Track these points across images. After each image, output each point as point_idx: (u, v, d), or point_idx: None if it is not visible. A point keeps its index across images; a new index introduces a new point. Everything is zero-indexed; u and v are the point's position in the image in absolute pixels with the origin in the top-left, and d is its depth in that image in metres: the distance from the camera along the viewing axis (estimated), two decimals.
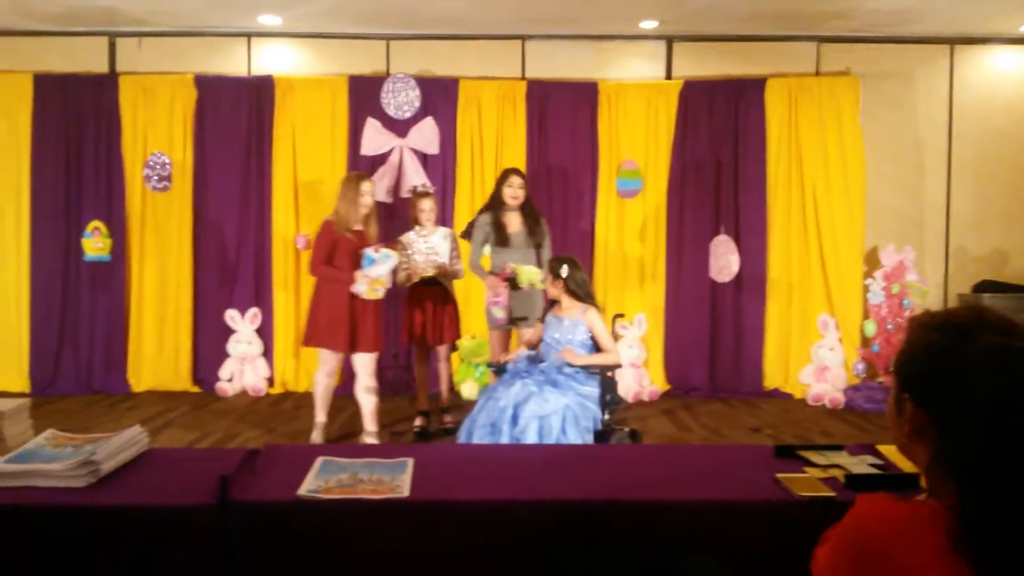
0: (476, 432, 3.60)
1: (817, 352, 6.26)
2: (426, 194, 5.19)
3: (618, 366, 3.99)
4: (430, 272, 4.91)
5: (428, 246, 5.00)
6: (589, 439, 3.55)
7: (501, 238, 4.98)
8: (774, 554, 1.81)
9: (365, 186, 4.80)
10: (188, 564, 1.78)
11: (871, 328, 6.19)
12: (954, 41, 6.50)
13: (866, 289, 6.30)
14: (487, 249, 5.06)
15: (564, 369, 3.84)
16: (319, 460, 2.02)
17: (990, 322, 1.16)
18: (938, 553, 1.06)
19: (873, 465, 2.07)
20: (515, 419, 3.52)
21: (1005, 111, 6.53)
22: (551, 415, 3.50)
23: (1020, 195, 6.55)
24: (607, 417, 3.75)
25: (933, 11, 5.80)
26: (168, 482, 1.94)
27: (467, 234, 5.21)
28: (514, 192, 4.99)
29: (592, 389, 3.75)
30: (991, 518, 1.05)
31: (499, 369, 4.06)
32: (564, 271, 4.04)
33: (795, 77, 6.44)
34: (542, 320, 4.17)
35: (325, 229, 4.76)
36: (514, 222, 5.03)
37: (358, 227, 4.77)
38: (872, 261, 6.42)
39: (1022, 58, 6.54)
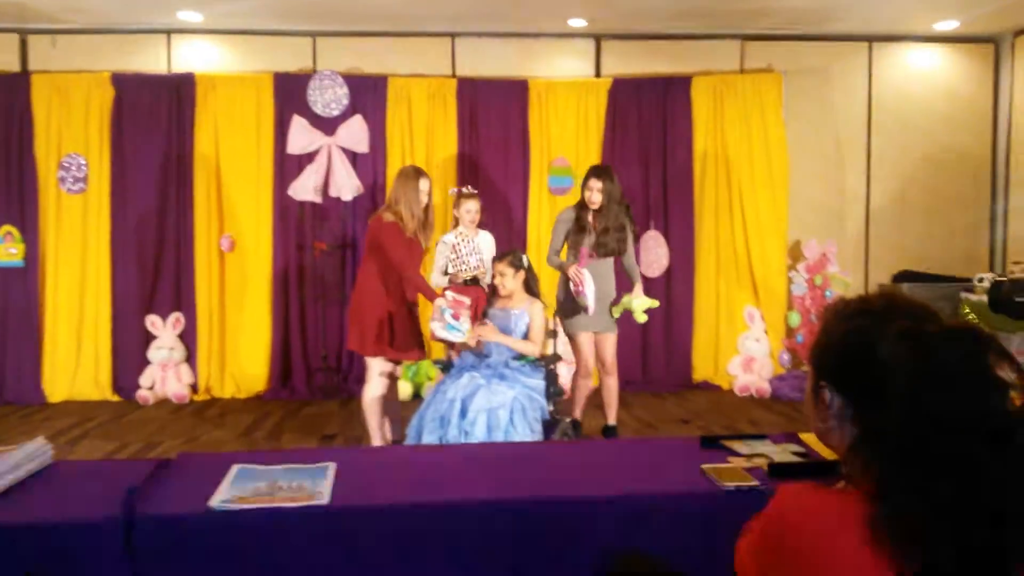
0: (425, 427, 3.59)
1: (744, 343, 6.38)
2: (472, 196, 5.01)
3: (535, 357, 3.96)
4: (479, 272, 4.55)
5: (469, 248, 4.75)
6: (538, 429, 3.57)
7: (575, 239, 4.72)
8: (703, 544, 1.81)
9: (424, 183, 4.33)
10: None
11: (795, 319, 6.35)
12: (872, 39, 6.70)
13: (790, 281, 6.46)
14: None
15: (510, 362, 3.87)
16: (235, 468, 1.94)
17: (902, 307, 1.16)
18: (858, 540, 1.05)
19: (796, 453, 2.09)
20: (463, 412, 3.54)
21: (920, 106, 6.75)
22: (499, 408, 3.53)
23: (936, 188, 6.78)
24: (552, 408, 3.77)
25: (851, 9, 5.95)
26: (72, 497, 1.84)
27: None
28: (592, 195, 4.65)
29: (538, 381, 3.80)
30: (908, 503, 1.05)
31: (445, 365, 4.05)
32: (527, 262, 4.07)
33: (720, 75, 6.54)
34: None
35: (395, 231, 4.21)
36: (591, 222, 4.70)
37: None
38: (796, 254, 6.57)
39: (936, 55, 6.78)
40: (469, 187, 5.29)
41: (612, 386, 4.82)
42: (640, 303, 4.61)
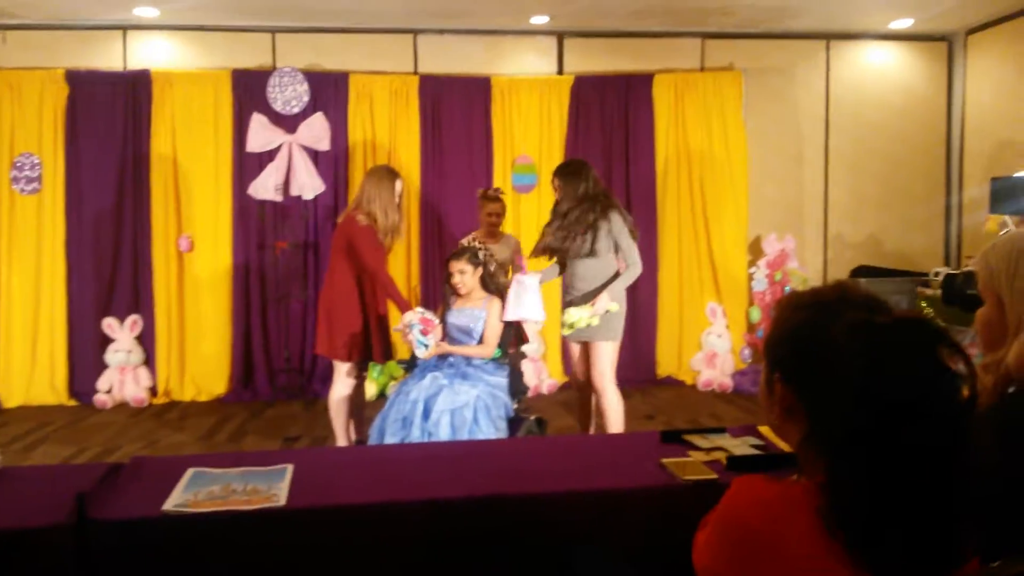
0: (388, 428, 3.56)
1: (706, 339, 6.44)
2: (493, 198, 4.86)
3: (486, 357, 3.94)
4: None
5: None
6: (503, 427, 3.56)
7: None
8: (662, 539, 1.81)
9: (398, 185, 4.26)
10: None
11: (756, 314, 6.44)
12: (830, 37, 6.79)
13: (751, 277, 6.53)
14: None
15: (473, 361, 3.85)
16: (189, 472, 1.90)
17: (853, 300, 1.17)
18: (811, 531, 1.06)
19: (754, 446, 2.11)
20: (427, 413, 3.51)
21: (877, 104, 6.86)
22: (463, 407, 3.51)
23: (892, 184, 6.91)
24: (516, 406, 3.76)
25: (810, 8, 6.03)
26: (22, 502, 1.79)
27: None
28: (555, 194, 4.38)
29: (501, 379, 3.79)
30: (859, 494, 1.06)
31: (409, 364, 4.02)
32: (483, 258, 4.04)
33: (681, 72, 6.59)
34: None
35: (370, 234, 4.13)
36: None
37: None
38: (756, 250, 6.65)
39: (892, 53, 6.90)
40: (494, 189, 5.10)
41: (602, 405, 4.15)
42: (569, 317, 4.03)
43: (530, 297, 3.96)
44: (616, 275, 4.11)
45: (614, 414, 4.10)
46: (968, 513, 1.08)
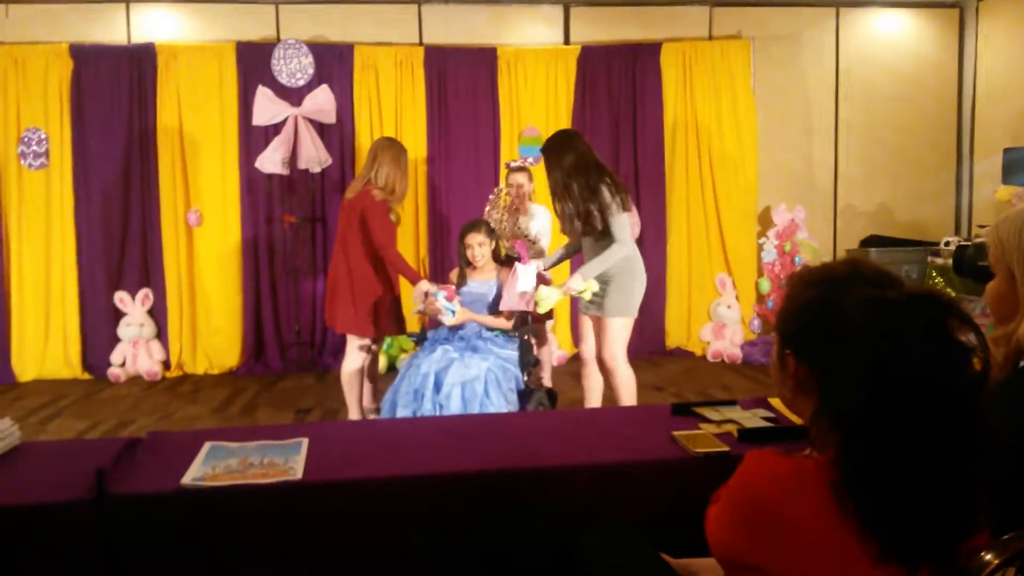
0: (400, 400, 3.60)
1: (716, 310, 6.44)
2: (519, 168, 4.83)
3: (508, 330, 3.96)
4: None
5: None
6: (513, 400, 3.58)
7: None
8: (675, 511, 1.83)
9: (407, 159, 4.33)
10: (64, 565, 1.67)
11: (765, 285, 6.42)
12: (839, 4, 6.70)
13: (760, 248, 6.51)
14: None
15: (484, 333, 3.88)
16: (206, 446, 1.93)
17: (865, 275, 1.18)
18: (823, 505, 1.08)
19: (765, 418, 2.12)
20: (438, 386, 3.53)
21: (887, 73, 6.78)
22: (474, 380, 3.52)
23: (903, 154, 6.85)
24: (527, 378, 3.78)
25: None
26: (41, 478, 1.82)
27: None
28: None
29: (512, 352, 3.80)
30: (871, 469, 1.07)
31: (420, 337, 4.05)
32: (495, 233, 4.09)
33: (689, 41, 6.51)
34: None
35: (384, 210, 4.16)
36: None
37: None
38: (765, 220, 6.62)
39: (902, 21, 6.80)
40: (520, 160, 5.04)
41: (614, 383, 3.96)
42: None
43: (522, 283, 3.80)
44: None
45: (626, 394, 3.93)
46: (979, 486, 1.09)
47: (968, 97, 6.79)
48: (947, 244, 6.06)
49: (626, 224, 3.82)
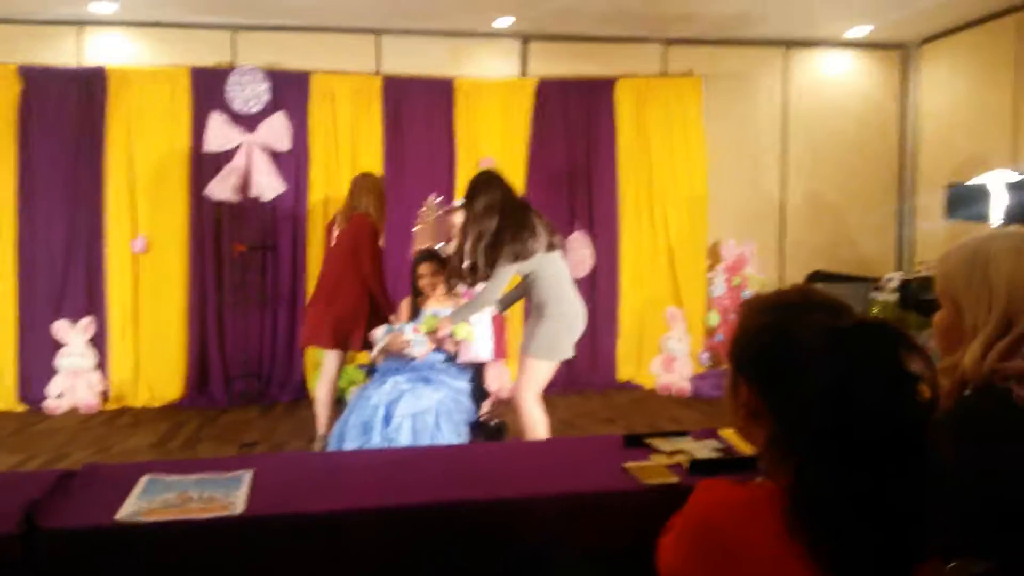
0: (348, 433, 3.51)
1: (666, 343, 6.49)
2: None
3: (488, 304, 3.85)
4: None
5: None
6: (464, 433, 3.53)
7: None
8: (628, 543, 1.81)
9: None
10: None
11: (715, 319, 6.51)
12: (789, 44, 6.90)
13: (709, 282, 6.60)
14: None
15: (436, 364, 3.82)
16: (144, 479, 1.84)
17: (817, 302, 1.18)
18: (776, 534, 1.07)
19: (716, 449, 2.12)
20: (388, 418, 3.48)
21: (834, 111, 6.99)
22: (424, 412, 3.48)
23: (847, 190, 7.03)
24: (479, 410, 3.74)
25: (769, 15, 6.11)
26: None
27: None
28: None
29: (464, 383, 3.75)
30: (823, 496, 1.06)
31: (370, 369, 4.00)
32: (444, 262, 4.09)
33: (643, 78, 6.64)
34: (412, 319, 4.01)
35: (371, 230, 4.54)
36: None
37: None
38: (715, 255, 6.72)
39: (848, 61, 7.03)
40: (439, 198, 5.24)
41: (520, 423, 3.83)
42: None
43: (477, 333, 3.82)
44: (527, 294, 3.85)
45: (530, 436, 3.74)
46: (928, 514, 1.10)
47: (910, 135, 7.03)
48: (889, 280, 6.22)
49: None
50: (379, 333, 3.94)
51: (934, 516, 1.10)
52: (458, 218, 4.70)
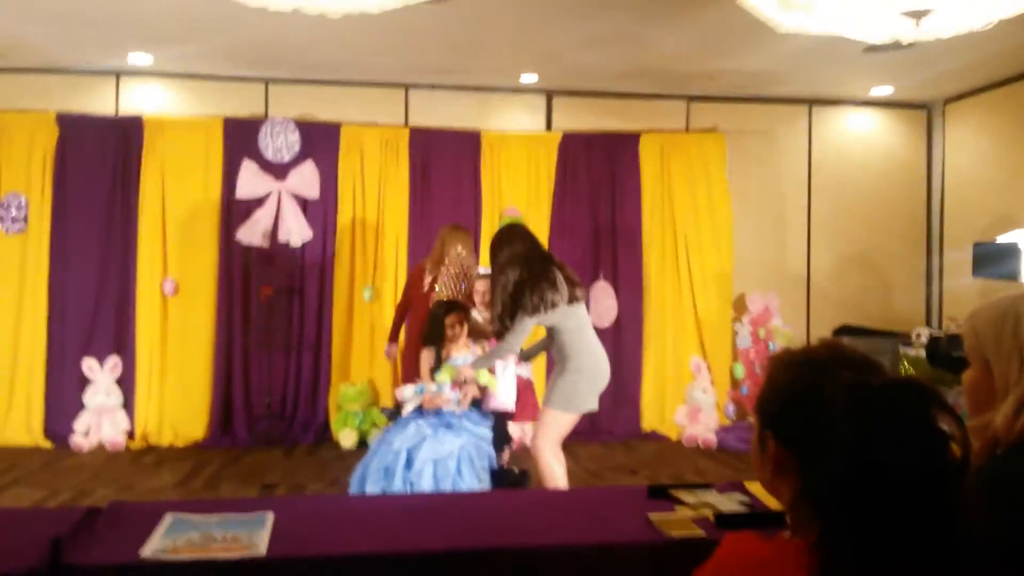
0: (370, 477, 3.51)
1: (691, 394, 6.43)
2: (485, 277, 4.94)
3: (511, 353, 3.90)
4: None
5: None
6: (486, 479, 3.52)
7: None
8: None
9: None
10: None
11: (740, 371, 6.45)
12: (812, 102, 6.96)
13: (735, 333, 6.56)
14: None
15: (458, 411, 3.81)
16: (168, 518, 1.86)
17: (847, 359, 1.18)
18: None
19: (742, 502, 2.09)
20: (409, 463, 3.49)
21: (857, 167, 7.01)
22: (446, 458, 3.49)
23: (873, 245, 7.01)
24: (500, 457, 3.73)
25: (792, 74, 6.18)
26: None
27: None
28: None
29: (486, 430, 3.75)
30: (850, 554, 1.05)
31: (392, 413, 4.01)
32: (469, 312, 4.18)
33: (667, 133, 6.71)
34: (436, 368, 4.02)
35: (414, 275, 5.17)
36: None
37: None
38: (740, 307, 6.70)
39: (872, 119, 7.07)
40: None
41: (538, 471, 3.82)
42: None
43: (502, 383, 3.91)
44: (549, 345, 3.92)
45: (547, 486, 3.71)
46: (957, 574, 1.08)
47: (937, 192, 7.01)
48: (918, 336, 6.15)
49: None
50: (408, 392, 3.92)
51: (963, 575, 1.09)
52: (481, 285, 4.71)
